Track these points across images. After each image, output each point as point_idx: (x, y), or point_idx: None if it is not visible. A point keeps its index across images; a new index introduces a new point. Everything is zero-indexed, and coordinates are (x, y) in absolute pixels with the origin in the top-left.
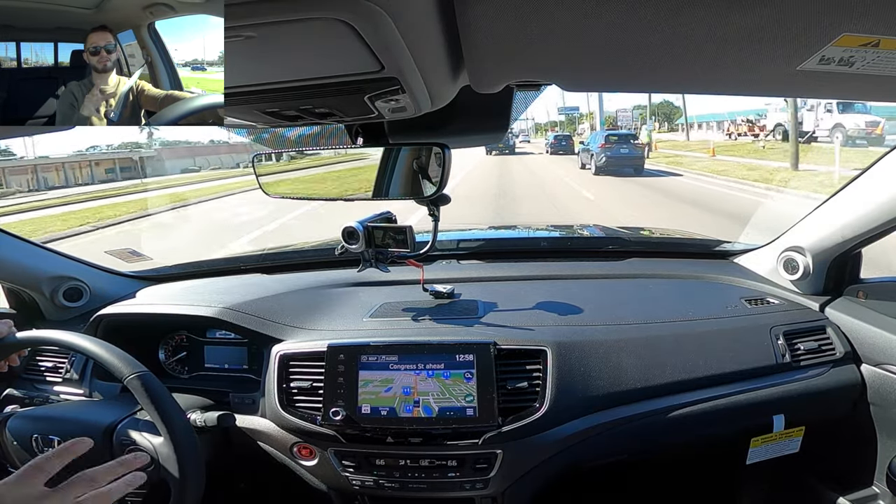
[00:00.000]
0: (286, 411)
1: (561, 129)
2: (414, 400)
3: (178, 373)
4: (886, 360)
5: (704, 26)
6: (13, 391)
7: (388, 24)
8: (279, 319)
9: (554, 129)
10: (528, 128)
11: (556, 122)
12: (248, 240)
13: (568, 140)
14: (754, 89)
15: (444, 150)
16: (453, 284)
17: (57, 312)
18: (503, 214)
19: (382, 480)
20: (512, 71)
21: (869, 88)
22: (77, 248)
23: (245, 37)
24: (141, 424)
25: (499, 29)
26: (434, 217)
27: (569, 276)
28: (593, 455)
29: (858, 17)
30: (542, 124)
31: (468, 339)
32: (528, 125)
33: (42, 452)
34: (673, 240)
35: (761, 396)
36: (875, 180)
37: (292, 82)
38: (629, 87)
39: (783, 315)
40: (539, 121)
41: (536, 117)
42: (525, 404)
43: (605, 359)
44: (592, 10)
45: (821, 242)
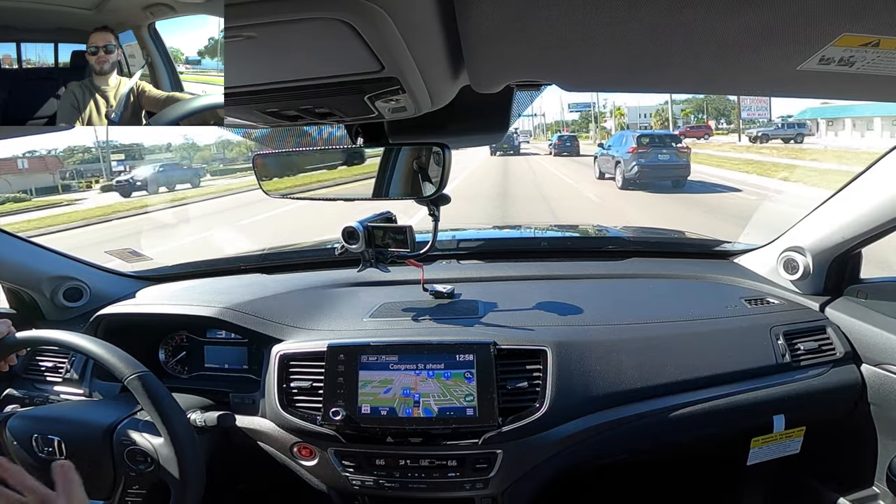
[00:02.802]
0: (286, 411)
1: (576, 129)
2: (414, 401)
3: (178, 373)
4: (886, 360)
5: (705, 26)
6: (13, 391)
7: (388, 23)
8: (279, 319)
9: (568, 130)
10: (532, 128)
11: (565, 122)
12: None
13: (573, 141)
14: (754, 89)
15: (444, 150)
16: (453, 284)
17: (57, 312)
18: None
19: (382, 480)
20: (512, 71)
21: (869, 88)
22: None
23: (245, 37)
24: (141, 425)
25: (499, 29)
26: (434, 217)
27: (569, 276)
28: (593, 455)
29: (858, 17)
30: (549, 124)
31: (468, 339)
32: (540, 121)
33: (42, 452)
34: (673, 240)
35: (761, 396)
36: (875, 180)
37: (292, 82)
38: (629, 87)
39: (783, 315)
40: (546, 120)
41: (548, 115)
42: (525, 404)
43: (605, 359)
44: (593, 10)
45: (821, 242)
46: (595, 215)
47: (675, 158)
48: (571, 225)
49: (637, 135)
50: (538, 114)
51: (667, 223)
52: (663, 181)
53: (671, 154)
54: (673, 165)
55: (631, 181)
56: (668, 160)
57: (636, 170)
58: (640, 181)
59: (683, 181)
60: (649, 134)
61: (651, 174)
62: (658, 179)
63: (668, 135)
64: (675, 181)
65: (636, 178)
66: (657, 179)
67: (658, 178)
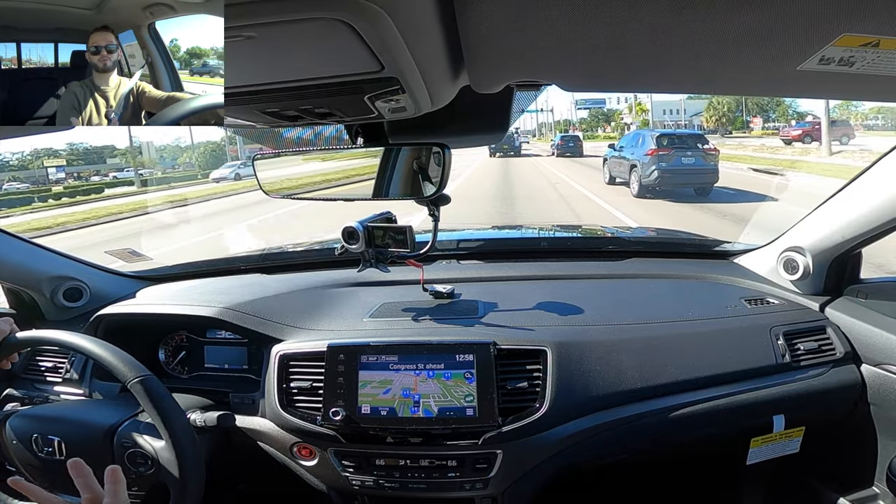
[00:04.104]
0: (286, 411)
1: (586, 128)
2: (414, 401)
3: (178, 373)
4: (886, 360)
5: (705, 26)
6: (13, 391)
7: (388, 24)
8: (279, 319)
9: (577, 129)
10: (535, 126)
11: (570, 122)
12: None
13: (576, 141)
14: (754, 89)
15: (444, 151)
16: (453, 284)
17: (57, 312)
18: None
19: (382, 480)
20: (512, 71)
21: (869, 88)
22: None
23: (245, 37)
24: (142, 427)
25: (499, 29)
26: (434, 217)
27: (569, 276)
28: (593, 455)
29: (858, 18)
30: (553, 123)
31: (468, 339)
32: (546, 118)
33: (42, 452)
34: (673, 240)
35: (761, 397)
36: (875, 180)
37: (292, 82)
38: (629, 87)
39: (783, 315)
40: (547, 119)
41: (556, 111)
42: (525, 404)
43: (605, 359)
44: (593, 10)
45: (821, 242)
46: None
47: (701, 162)
48: (572, 225)
49: (656, 134)
50: (545, 108)
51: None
52: (686, 188)
53: (697, 157)
54: (699, 170)
55: (649, 188)
56: (693, 164)
57: (656, 175)
58: (661, 188)
59: (710, 188)
60: (671, 133)
61: (673, 180)
62: (681, 186)
63: (692, 134)
64: (700, 188)
65: (656, 185)
66: (680, 186)
67: (681, 185)
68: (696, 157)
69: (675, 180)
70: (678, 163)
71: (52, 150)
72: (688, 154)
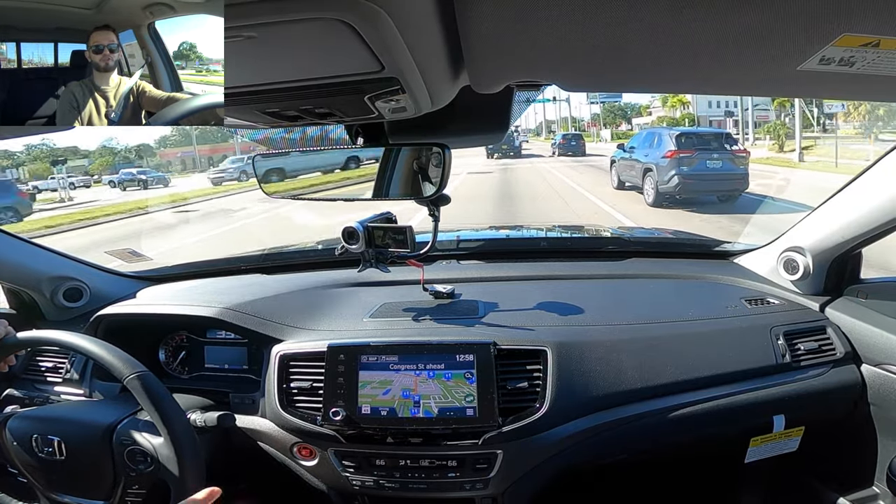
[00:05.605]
0: (286, 411)
1: (605, 126)
2: (414, 402)
3: (178, 373)
4: (886, 360)
5: (704, 26)
6: (13, 391)
7: (388, 24)
8: (279, 319)
9: (594, 125)
10: (536, 125)
11: (575, 120)
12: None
13: (578, 140)
14: (754, 89)
15: (444, 151)
16: (453, 284)
17: (57, 312)
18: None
19: (382, 481)
20: (512, 71)
21: (869, 88)
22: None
23: (245, 37)
24: (141, 424)
25: (499, 29)
26: (434, 217)
27: (569, 276)
28: (593, 455)
29: (858, 18)
30: (558, 120)
31: (468, 340)
32: (554, 113)
33: (42, 452)
34: (673, 240)
35: (761, 397)
36: (875, 181)
37: (292, 82)
38: (629, 87)
39: (783, 315)
40: (550, 117)
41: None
42: (525, 404)
43: (605, 359)
44: (593, 11)
45: (821, 242)
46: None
47: (728, 166)
48: (572, 225)
49: (676, 133)
50: (557, 98)
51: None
52: (710, 196)
53: (724, 160)
54: (726, 175)
55: (668, 195)
56: (719, 168)
57: (676, 181)
58: (681, 196)
59: (737, 195)
60: (692, 132)
61: (695, 186)
62: (705, 193)
63: (717, 133)
64: (726, 196)
65: (676, 192)
66: (704, 194)
67: (705, 192)
68: (724, 159)
69: (699, 187)
70: (702, 167)
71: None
72: (714, 157)
